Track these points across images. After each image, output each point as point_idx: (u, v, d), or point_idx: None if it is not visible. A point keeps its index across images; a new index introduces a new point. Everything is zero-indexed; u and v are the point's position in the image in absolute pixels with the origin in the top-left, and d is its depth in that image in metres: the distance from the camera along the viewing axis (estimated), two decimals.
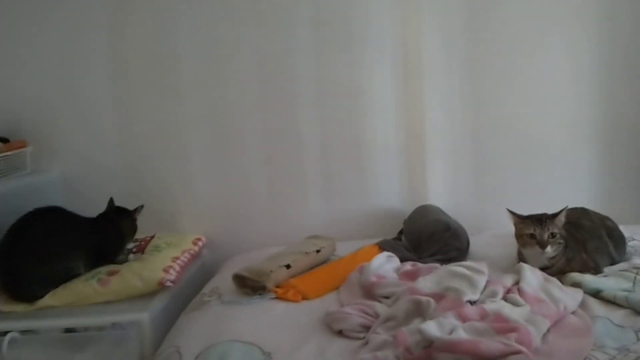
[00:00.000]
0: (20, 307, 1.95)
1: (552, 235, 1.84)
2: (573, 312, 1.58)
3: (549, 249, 1.84)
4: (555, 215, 1.87)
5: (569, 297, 1.63)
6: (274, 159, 2.55)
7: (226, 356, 1.47)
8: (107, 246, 2.16)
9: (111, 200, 2.25)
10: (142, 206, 2.25)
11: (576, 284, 1.73)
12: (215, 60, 2.48)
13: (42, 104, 2.49)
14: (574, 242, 1.89)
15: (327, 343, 1.54)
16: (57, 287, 1.99)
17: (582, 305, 1.62)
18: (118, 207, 2.24)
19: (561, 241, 1.86)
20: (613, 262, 1.92)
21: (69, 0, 2.43)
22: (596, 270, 1.85)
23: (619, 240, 1.98)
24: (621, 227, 2.04)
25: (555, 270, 1.85)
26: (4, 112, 2.47)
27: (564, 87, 2.54)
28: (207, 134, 2.53)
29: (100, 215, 2.20)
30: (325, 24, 2.46)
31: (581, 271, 1.81)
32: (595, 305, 1.62)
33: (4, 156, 2.27)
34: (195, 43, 2.46)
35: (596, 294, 1.67)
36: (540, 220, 1.86)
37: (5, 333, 1.79)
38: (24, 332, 1.83)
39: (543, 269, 1.83)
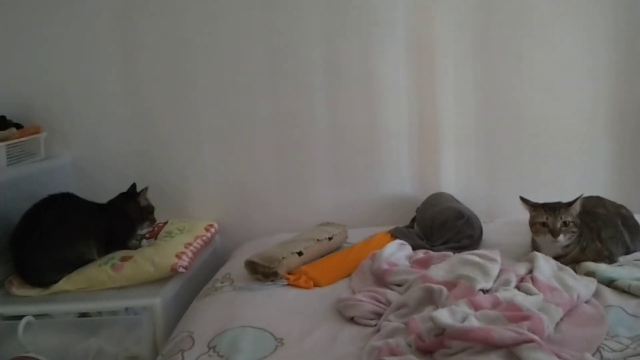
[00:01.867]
0: (34, 292, 1.98)
1: (565, 224, 1.83)
2: (587, 301, 1.57)
3: (561, 237, 1.83)
4: (569, 204, 1.85)
5: (582, 286, 1.62)
6: (285, 145, 2.55)
7: (238, 341, 1.48)
8: (116, 231, 2.17)
9: (134, 186, 2.26)
10: (146, 188, 2.24)
11: (590, 273, 1.72)
12: (227, 46, 2.47)
13: (54, 90, 2.50)
14: (589, 230, 1.87)
15: (338, 329, 1.55)
16: (71, 272, 2.01)
17: (596, 294, 1.61)
18: (124, 193, 2.24)
19: (575, 230, 1.84)
20: (628, 251, 1.91)
21: None
22: (610, 260, 1.83)
23: (634, 229, 1.96)
24: (636, 216, 2.02)
25: (569, 259, 1.84)
26: (18, 98, 2.48)
27: (579, 74, 2.51)
28: (218, 120, 2.53)
29: (110, 201, 2.22)
30: (336, 10, 2.45)
31: (595, 260, 1.80)
32: (609, 294, 1.61)
33: (18, 142, 2.28)
34: (207, 28, 2.45)
35: (610, 283, 1.66)
36: (554, 208, 1.85)
37: (21, 317, 1.81)
38: (38, 316, 1.85)
39: (557, 257, 1.82)
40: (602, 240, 1.87)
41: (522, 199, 1.93)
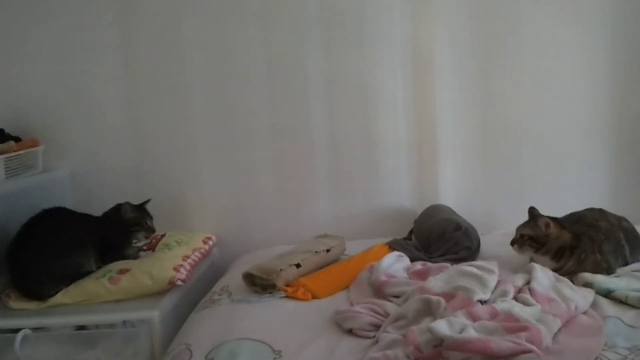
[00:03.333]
0: (32, 305, 1.97)
1: (522, 236, 1.93)
2: (584, 312, 1.57)
3: (515, 247, 1.94)
4: (530, 219, 1.94)
5: (580, 296, 1.61)
6: (283, 157, 2.56)
7: (236, 354, 1.48)
8: (110, 242, 2.17)
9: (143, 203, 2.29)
10: (127, 203, 2.23)
11: (587, 284, 1.72)
12: (224, 59, 2.48)
13: (53, 104, 2.50)
14: (590, 242, 1.87)
15: (336, 341, 1.54)
16: (69, 284, 2.01)
17: (593, 305, 1.61)
18: (118, 205, 2.25)
19: (533, 245, 1.89)
20: (626, 264, 1.90)
21: (77, 2, 2.44)
22: (608, 272, 1.83)
23: (634, 243, 1.95)
24: (637, 227, 2.01)
25: (565, 271, 1.83)
26: (16, 111, 2.49)
27: (576, 85, 2.52)
28: (216, 132, 2.53)
29: (105, 213, 2.22)
30: (334, 22, 2.46)
31: (593, 272, 1.80)
32: (606, 305, 1.61)
33: (16, 155, 2.29)
34: (204, 41, 2.46)
35: (607, 294, 1.66)
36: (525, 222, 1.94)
37: (18, 330, 1.80)
38: (36, 329, 1.85)
39: (553, 269, 1.82)
40: (603, 253, 1.86)
41: (530, 209, 1.96)
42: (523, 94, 2.52)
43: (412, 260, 2.04)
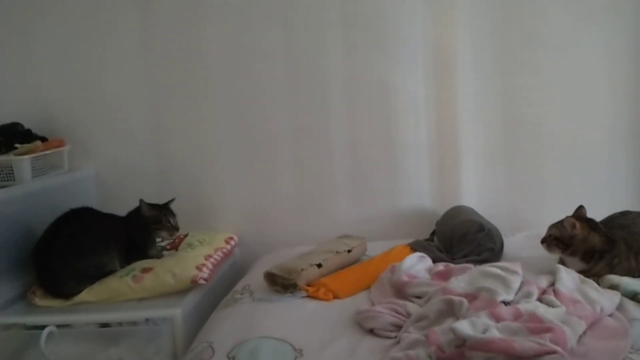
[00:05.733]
0: (56, 303, 2.00)
1: (550, 236, 1.91)
2: (610, 315, 1.55)
3: (544, 246, 1.92)
4: (559, 221, 1.90)
5: (605, 299, 1.59)
6: (304, 158, 2.56)
7: (258, 352, 1.49)
8: (135, 241, 2.20)
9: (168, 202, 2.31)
10: (141, 201, 2.24)
11: (613, 286, 1.69)
12: (246, 61, 2.49)
13: (78, 105, 2.54)
14: (625, 248, 1.82)
15: (358, 341, 1.54)
16: (92, 283, 2.03)
17: (619, 307, 1.59)
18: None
19: (560, 245, 1.87)
20: None
21: (101, 3, 2.48)
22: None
23: None
24: None
25: (594, 273, 1.80)
26: (42, 112, 2.52)
27: (600, 85, 2.49)
28: (238, 134, 2.54)
29: (129, 213, 2.25)
30: (355, 24, 2.46)
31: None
32: (632, 307, 1.58)
33: (42, 155, 2.32)
34: (226, 43, 2.48)
35: (634, 297, 1.64)
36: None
37: (43, 327, 1.83)
38: (60, 326, 1.87)
39: (580, 271, 1.79)
40: (639, 261, 1.81)
41: (578, 207, 1.95)
42: (545, 94, 2.49)
43: (434, 261, 2.03)
